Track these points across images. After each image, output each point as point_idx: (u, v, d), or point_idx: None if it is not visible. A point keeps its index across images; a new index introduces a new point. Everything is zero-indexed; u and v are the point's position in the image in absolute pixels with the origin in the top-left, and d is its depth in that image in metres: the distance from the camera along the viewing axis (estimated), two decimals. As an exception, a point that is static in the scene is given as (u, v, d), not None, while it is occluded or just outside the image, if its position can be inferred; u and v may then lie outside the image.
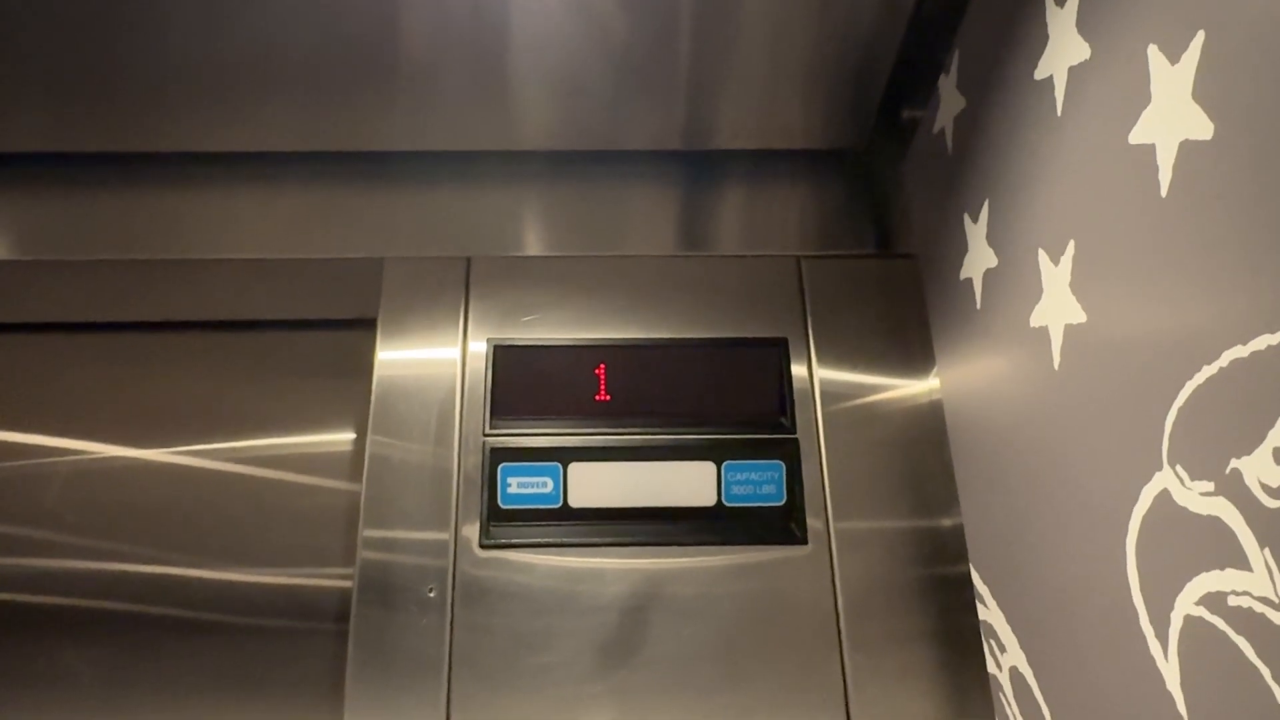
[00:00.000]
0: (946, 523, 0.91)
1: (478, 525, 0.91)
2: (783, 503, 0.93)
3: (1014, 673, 0.79)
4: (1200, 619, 0.53)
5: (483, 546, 0.90)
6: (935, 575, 0.90)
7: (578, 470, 0.93)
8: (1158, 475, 0.56)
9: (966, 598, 0.88)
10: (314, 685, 0.89)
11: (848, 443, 0.95)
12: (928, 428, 0.95)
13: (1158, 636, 0.57)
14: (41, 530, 0.94)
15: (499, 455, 0.93)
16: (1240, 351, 0.49)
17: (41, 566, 0.93)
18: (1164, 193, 0.55)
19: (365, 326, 0.99)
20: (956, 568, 0.89)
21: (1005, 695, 0.81)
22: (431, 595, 0.88)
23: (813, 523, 0.92)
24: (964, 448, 0.89)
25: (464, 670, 0.86)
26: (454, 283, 1.01)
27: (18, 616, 0.92)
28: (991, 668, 0.84)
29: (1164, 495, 0.56)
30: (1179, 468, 0.54)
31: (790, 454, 0.94)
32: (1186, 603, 0.54)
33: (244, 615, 0.92)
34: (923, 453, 0.94)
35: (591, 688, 0.86)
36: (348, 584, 0.90)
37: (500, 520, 0.92)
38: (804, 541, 0.91)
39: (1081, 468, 0.66)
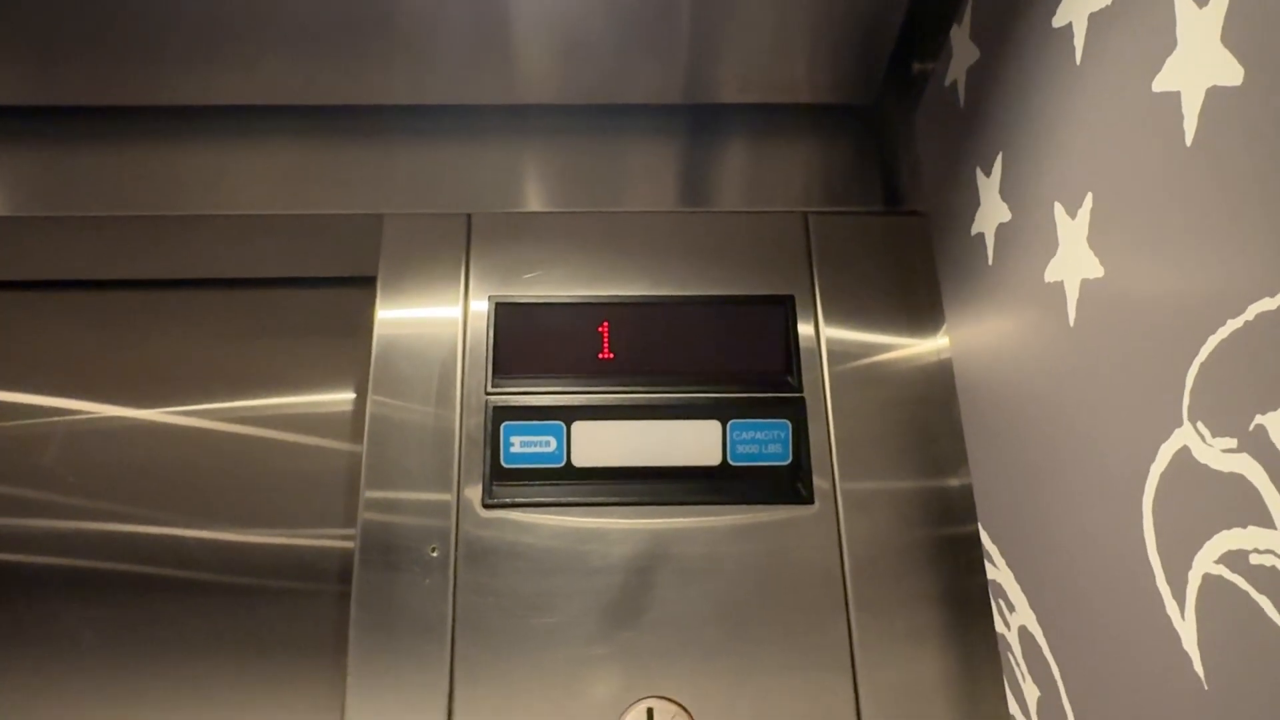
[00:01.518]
0: (954, 483, 0.90)
1: (480, 485, 0.90)
2: (788, 462, 0.92)
3: (1023, 632, 0.78)
4: (1220, 578, 0.52)
5: (485, 506, 0.89)
6: (943, 535, 0.89)
7: (581, 429, 0.92)
8: (1177, 432, 0.55)
9: (974, 558, 0.87)
10: (316, 645, 0.89)
11: (855, 402, 0.94)
12: (936, 387, 0.94)
13: (1174, 595, 0.56)
14: (40, 491, 0.93)
15: (501, 414, 0.92)
16: (1268, 305, 0.47)
17: (41, 527, 0.92)
18: (1189, 141, 0.53)
19: (365, 284, 0.97)
20: (964, 528, 0.89)
21: (1014, 654, 0.80)
22: (434, 555, 0.87)
23: (819, 482, 0.91)
24: (973, 407, 0.88)
25: (468, 631, 0.86)
26: (454, 239, 0.99)
27: (17, 577, 0.91)
28: (1000, 627, 0.83)
29: (1184, 452, 0.55)
30: (1200, 424, 0.53)
31: (796, 413, 0.93)
32: (1206, 561, 0.53)
33: (245, 576, 0.91)
34: (931, 412, 0.93)
35: (596, 649, 0.86)
36: (349, 545, 0.89)
37: (503, 480, 0.91)
38: (810, 501, 0.90)
39: (1097, 425, 0.65)
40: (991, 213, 0.81)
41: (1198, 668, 0.54)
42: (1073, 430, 0.68)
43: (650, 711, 0.83)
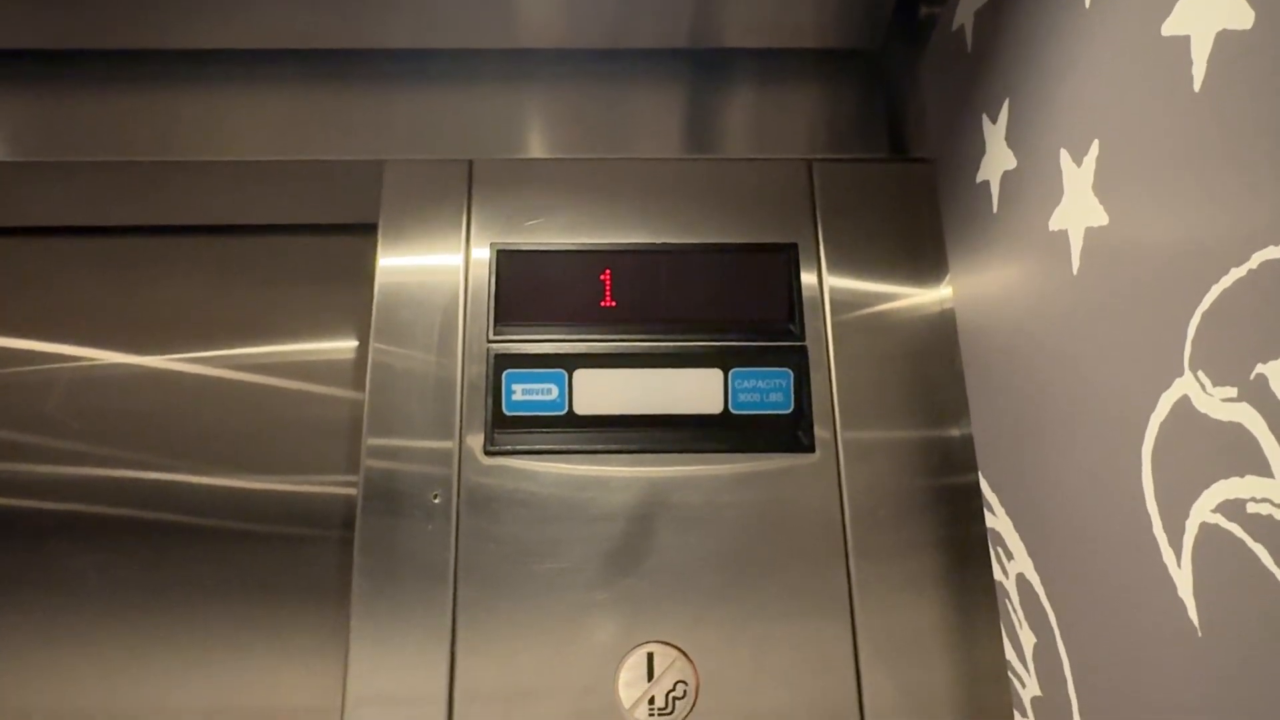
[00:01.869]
0: (955, 433, 0.90)
1: (482, 433, 0.90)
2: (790, 411, 0.92)
3: (1020, 580, 0.79)
4: (1216, 526, 0.52)
5: (487, 454, 0.90)
6: (943, 484, 0.89)
7: (583, 377, 0.92)
8: (1178, 381, 0.55)
9: (974, 507, 0.87)
10: (320, 590, 0.90)
11: (857, 351, 0.94)
12: (939, 337, 0.93)
13: (1171, 544, 0.57)
14: (44, 437, 0.93)
15: (503, 362, 0.92)
16: (1272, 253, 0.47)
17: (46, 473, 0.93)
18: (1197, 87, 0.52)
19: (366, 231, 0.97)
20: (965, 477, 0.89)
21: (1011, 602, 0.81)
22: (436, 502, 0.88)
23: (820, 431, 0.91)
24: (976, 356, 0.88)
25: (470, 577, 0.86)
26: (456, 186, 0.99)
27: (25, 521, 0.92)
28: (998, 575, 0.84)
29: (1184, 401, 0.55)
30: (1201, 373, 0.53)
31: (798, 362, 0.93)
32: (1203, 510, 0.53)
33: (249, 522, 0.92)
34: (933, 362, 0.93)
35: (597, 594, 0.86)
36: (352, 491, 0.90)
37: (505, 427, 0.91)
38: (811, 450, 0.90)
39: (1098, 375, 0.65)
40: (997, 160, 0.80)
41: (1192, 615, 0.55)
42: (1074, 379, 0.68)
43: (651, 656, 0.85)
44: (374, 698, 0.83)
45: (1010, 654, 0.82)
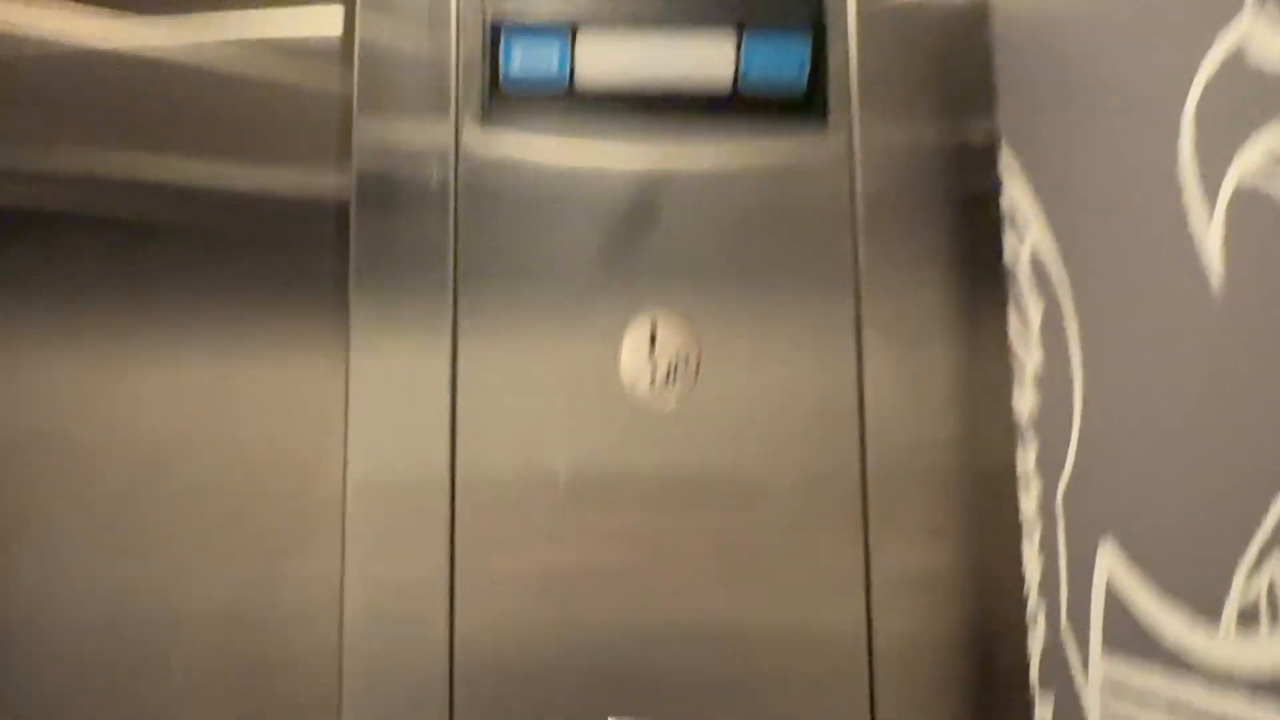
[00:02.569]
0: (979, 116, 0.86)
1: (479, 110, 0.86)
2: (805, 86, 0.87)
3: (1034, 254, 0.77)
4: (1255, 190, 0.49)
5: (485, 131, 0.86)
6: (959, 164, 0.87)
7: (586, 42, 0.86)
8: (1236, 19, 0.51)
9: (990, 188, 0.85)
10: (320, 279, 0.88)
11: (881, 22, 0.88)
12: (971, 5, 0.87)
13: (1206, 199, 0.54)
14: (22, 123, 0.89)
15: (501, 24, 0.86)
16: None
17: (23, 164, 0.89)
18: None
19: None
20: (983, 158, 0.85)
21: (1021, 276, 0.80)
22: (433, 184, 0.85)
23: (836, 109, 0.87)
24: (1011, 23, 0.82)
25: (470, 258, 0.85)
26: None
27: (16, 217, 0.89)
28: (1010, 250, 0.82)
29: (1238, 53, 0.50)
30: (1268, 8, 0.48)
31: (817, 32, 0.87)
32: (1242, 167, 0.50)
33: (240, 217, 0.89)
34: (961, 34, 0.87)
35: (599, 273, 0.86)
36: (345, 178, 0.87)
37: (503, 103, 0.86)
38: (825, 127, 0.87)
39: (1145, 22, 0.60)
40: None
41: (1214, 280, 0.53)
42: (1117, 30, 0.63)
43: (654, 326, 0.85)
44: (378, 382, 0.84)
45: (1014, 328, 0.82)
